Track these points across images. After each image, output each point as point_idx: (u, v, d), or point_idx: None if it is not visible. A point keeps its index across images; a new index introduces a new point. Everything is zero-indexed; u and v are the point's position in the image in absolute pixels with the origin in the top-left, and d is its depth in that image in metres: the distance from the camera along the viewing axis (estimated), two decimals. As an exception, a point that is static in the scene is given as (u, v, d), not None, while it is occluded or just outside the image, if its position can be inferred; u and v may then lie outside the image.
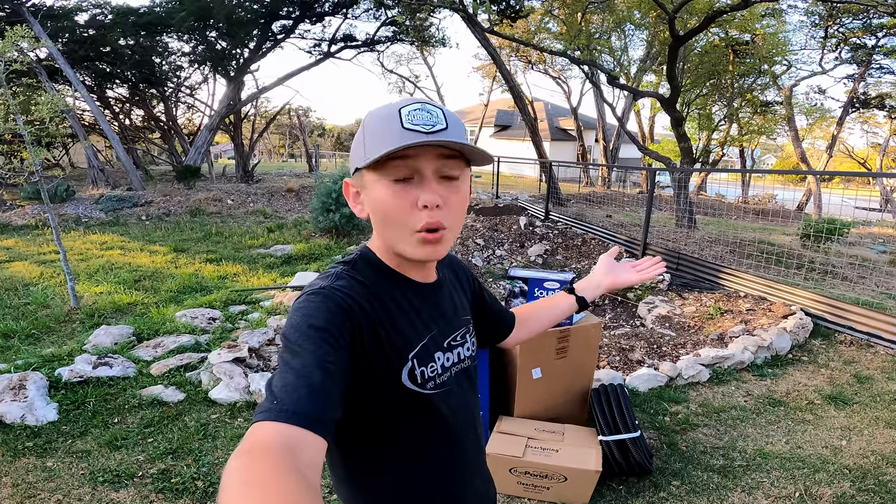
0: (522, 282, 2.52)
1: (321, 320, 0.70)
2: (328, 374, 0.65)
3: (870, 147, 24.62)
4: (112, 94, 19.65)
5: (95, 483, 2.41)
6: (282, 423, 0.58)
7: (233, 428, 2.91)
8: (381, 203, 0.76)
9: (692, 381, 3.67)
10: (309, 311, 0.71)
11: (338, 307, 0.72)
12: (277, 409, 0.59)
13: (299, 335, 0.68)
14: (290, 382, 0.63)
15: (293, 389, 0.62)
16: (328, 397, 0.63)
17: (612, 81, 11.04)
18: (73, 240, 8.22)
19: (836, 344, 4.45)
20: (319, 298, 0.73)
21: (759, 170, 25.18)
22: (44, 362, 3.55)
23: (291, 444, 0.56)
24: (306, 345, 0.67)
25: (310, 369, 0.64)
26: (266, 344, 3.81)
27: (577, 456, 2.37)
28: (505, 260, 7.05)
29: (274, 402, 0.60)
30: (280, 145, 41.67)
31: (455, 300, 0.95)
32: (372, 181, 0.76)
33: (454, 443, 0.89)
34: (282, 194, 13.22)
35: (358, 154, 0.77)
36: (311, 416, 0.60)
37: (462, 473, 0.92)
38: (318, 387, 0.63)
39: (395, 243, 0.79)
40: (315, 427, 0.59)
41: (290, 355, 0.66)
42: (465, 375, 0.93)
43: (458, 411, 0.90)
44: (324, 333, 0.68)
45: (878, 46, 14.82)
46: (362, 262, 0.83)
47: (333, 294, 0.74)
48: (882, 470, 2.73)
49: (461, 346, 0.92)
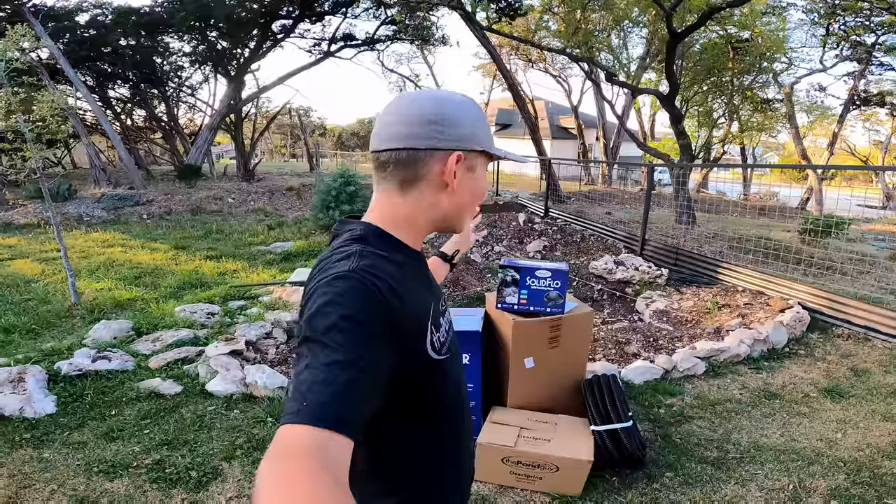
0: (514, 271, 2.53)
1: (350, 309, 0.66)
2: (360, 369, 0.62)
3: (872, 145, 24.55)
4: (114, 95, 19.75)
5: (90, 473, 2.43)
6: (312, 426, 0.57)
7: (228, 419, 2.93)
8: (481, 185, 0.89)
9: (688, 374, 3.68)
10: (337, 300, 0.67)
11: (367, 292, 0.69)
12: (307, 412, 0.58)
13: (327, 326, 0.64)
14: (319, 381, 0.60)
15: (322, 389, 0.59)
16: (359, 395, 0.61)
17: (611, 78, 11.03)
18: (74, 238, 8.26)
19: (833, 337, 4.44)
20: (347, 284, 0.69)
21: (757, 164, 25.11)
22: (43, 356, 3.58)
23: (322, 446, 0.55)
24: (336, 336, 0.63)
25: (341, 366, 0.61)
26: (263, 337, 3.83)
27: (570, 446, 2.38)
28: (504, 256, 7.06)
29: (303, 404, 0.58)
30: (282, 145, 41.74)
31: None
32: (482, 166, 0.89)
33: (462, 403, 0.94)
34: (282, 193, 13.25)
35: (484, 136, 0.86)
36: (340, 417, 0.58)
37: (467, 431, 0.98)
38: (349, 385, 0.61)
39: (459, 218, 0.89)
40: (344, 429, 0.58)
41: (319, 347, 0.63)
42: (455, 338, 0.97)
43: (461, 372, 0.96)
44: (354, 324, 0.65)
45: (878, 44, 14.79)
46: (372, 236, 0.82)
47: (362, 277, 0.70)
48: (877, 463, 2.73)
49: (447, 311, 0.96)
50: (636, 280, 5.92)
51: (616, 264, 6.16)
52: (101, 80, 17.78)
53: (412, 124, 0.80)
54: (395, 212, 0.84)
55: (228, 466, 2.54)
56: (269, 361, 3.62)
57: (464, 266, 6.10)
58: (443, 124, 0.80)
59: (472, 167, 0.85)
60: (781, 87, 16.83)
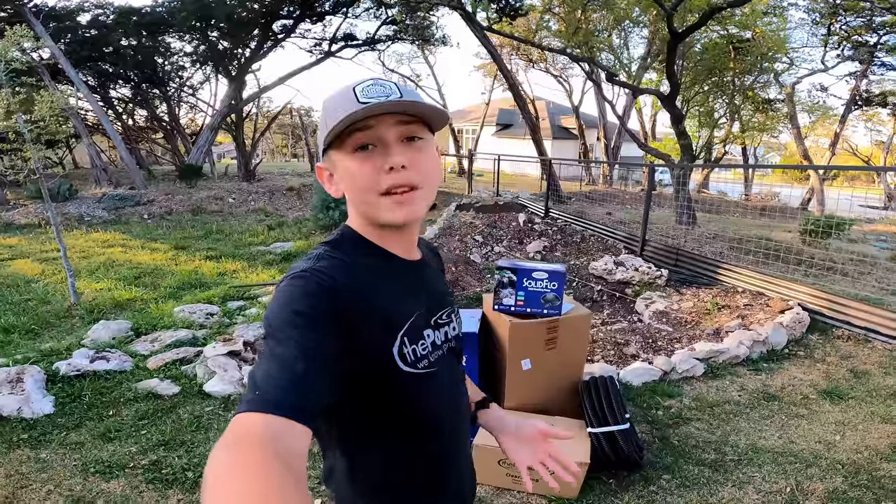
0: (511, 272, 2.53)
1: (303, 304, 0.68)
2: (312, 360, 0.64)
3: (874, 145, 24.50)
4: (115, 95, 19.76)
5: (87, 473, 2.43)
6: (265, 413, 0.57)
7: (226, 420, 2.93)
8: (349, 173, 0.78)
9: (686, 376, 3.67)
10: (291, 296, 0.70)
11: (320, 289, 0.70)
12: (260, 400, 0.59)
13: (281, 321, 0.67)
14: (273, 371, 0.62)
15: (276, 379, 0.61)
16: (312, 385, 0.62)
17: (611, 78, 11.02)
18: (74, 238, 8.28)
19: (833, 339, 4.43)
20: (301, 282, 0.71)
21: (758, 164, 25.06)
22: (42, 356, 3.58)
23: (275, 434, 0.56)
24: (288, 331, 0.65)
25: (292, 357, 0.63)
26: (261, 338, 3.83)
27: (566, 448, 2.36)
28: (504, 256, 7.06)
29: (256, 393, 0.60)
30: (283, 145, 41.76)
31: (440, 280, 0.98)
32: (339, 158, 0.79)
33: (444, 423, 0.89)
34: (283, 193, 13.26)
35: (322, 134, 0.80)
36: (294, 405, 0.59)
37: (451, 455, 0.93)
38: (302, 375, 0.62)
39: (371, 212, 0.80)
40: (298, 417, 0.59)
41: (274, 342, 0.65)
42: (453, 354, 0.93)
43: (448, 390, 0.90)
44: (306, 318, 0.67)
45: (880, 44, 14.74)
46: (345, 240, 0.83)
47: (315, 276, 0.72)
48: (875, 465, 2.72)
49: (447, 325, 0.92)
50: (636, 281, 5.91)
51: (616, 265, 6.15)
52: (102, 80, 17.80)
53: None
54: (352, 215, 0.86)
55: (225, 467, 2.53)
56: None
57: (463, 266, 6.10)
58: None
59: (333, 163, 0.81)
60: (783, 88, 16.79)
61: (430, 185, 0.81)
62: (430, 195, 0.82)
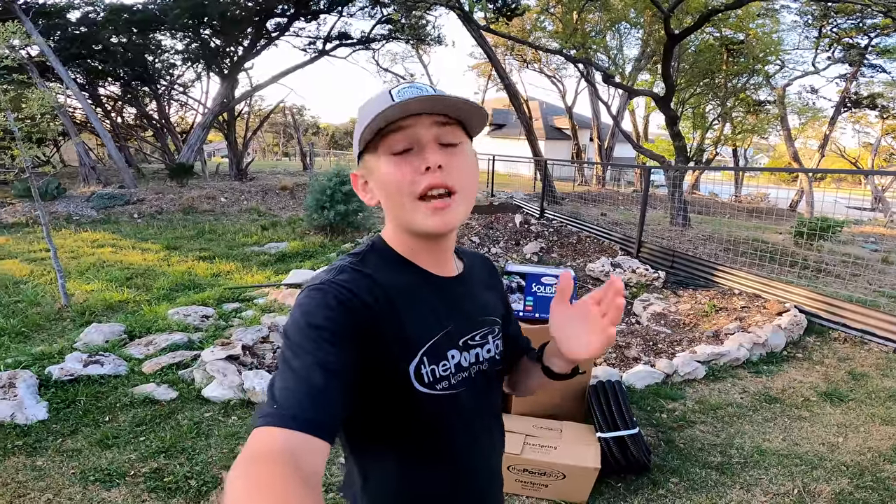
0: (520, 277, 2.50)
1: (320, 318, 0.68)
2: (329, 374, 0.63)
3: (861, 147, 24.81)
4: (104, 92, 19.51)
5: (86, 482, 2.37)
6: (283, 428, 0.57)
7: (226, 426, 2.88)
8: (385, 176, 0.75)
9: (688, 379, 3.67)
10: (309, 309, 0.69)
11: (337, 303, 0.69)
12: (278, 414, 0.59)
13: (299, 334, 0.67)
14: (291, 385, 0.62)
15: (293, 392, 0.61)
16: (330, 399, 0.62)
17: (608, 80, 11.05)
18: (63, 238, 8.13)
19: (830, 341, 4.46)
20: (320, 294, 0.70)
21: (751, 167, 25.32)
22: (34, 360, 3.50)
23: (294, 449, 0.56)
24: (306, 344, 0.65)
25: (310, 371, 0.63)
26: (260, 341, 3.78)
27: (576, 453, 2.35)
28: (500, 258, 7.04)
29: (274, 407, 0.60)
30: (274, 143, 41.50)
31: (480, 298, 0.90)
32: (374, 162, 0.77)
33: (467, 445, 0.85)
34: (276, 192, 13.15)
35: (359, 135, 0.77)
36: (312, 420, 0.59)
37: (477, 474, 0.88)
38: (320, 389, 0.62)
39: (405, 218, 0.77)
40: (316, 431, 0.59)
41: (291, 355, 0.65)
42: (483, 378, 0.87)
43: (472, 415, 0.85)
44: (323, 332, 0.66)
45: (870, 46, 14.90)
46: (372, 252, 0.81)
47: (334, 289, 0.71)
48: (879, 467, 2.74)
49: (480, 346, 0.86)
50: (633, 282, 5.92)
51: (613, 266, 6.16)
52: (91, 78, 17.55)
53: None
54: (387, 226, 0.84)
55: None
56: (267, 366, 3.56)
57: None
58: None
59: (370, 170, 0.79)
60: (774, 89, 16.94)
61: (467, 191, 0.78)
62: (467, 202, 0.78)
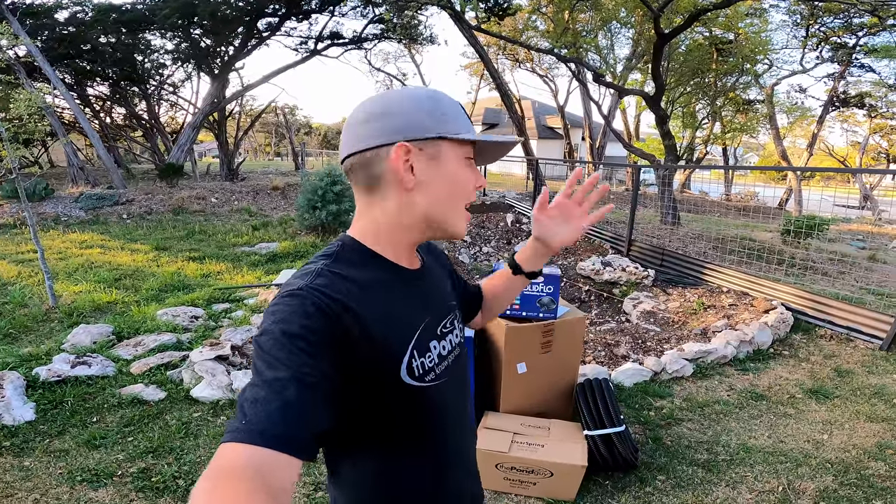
0: (507, 276, 2.51)
1: (297, 326, 0.64)
2: (305, 386, 0.61)
3: (849, 145, 25.07)
4: (92, 92, 19.32)
5: (73, 482, 2.36)
6: (251, 444, 0.55)
7: (215, 426, 2.87)
8: (462, 176, 0.81)
9: (676, 376, 3.70)
10: (284, 317, 0.66)
11: (316, 310, 0.67)
12: (246, 430, 0.56)
13: (273, 343, 0.63)
14: (262, 398, 0.59)
15: (264, 406, 0.58)
16: (304, 413, 0.60)
17: (598, 79, 11.10)
18: (51, 239, 8.06)
19: (816, 338, 4.51)
20: (296, 301, 0.67)
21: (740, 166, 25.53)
22: (21, 361, 3.48)
23: (261, 467, 0.54)
24: (280, 354, 0.62)
25: (284, 383, 0.60)
26: (249, 341, 3.76)
27: (563, 451, 2.37)
28: (492, 257, 7.06)
29: (243, 422, 0.57)
30: (266, 143, 41.32)
31: (441, 285, 0.94)
32: (453, 154, 0.80)
33: (450, 435, 0.87)
34: (267, 192, 13.10)
35: (436, 120, 0.78)
36: (282, 435, 0.57)
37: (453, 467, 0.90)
38: (293, 402, 0.59)
39: (448, 218, 0.81)
40: (287, 448, 0.56)
41: (264, 366, 0.62)
42: (458, 363, 0.90)
43: (455, 401, 0.88)
44: (300, 341, 0.63)
45: (858, 45, 15.06)
46: (346, 251, 0.79)
47: (312, 295, 0.68)
48: (864, 464, 2.77)
49: (451, 332, 0.89)
50: (623, 281, 5.95)
51: (603, 265, 6.19)
52: (79, 78, 17.39)
53: (360, 124, 0.78)
54: (368, 220, 0.81)
55: (215, 475, 2.48)
56: (256, 366, 3.56)
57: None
58: (385, 117, 0.77)
59: (434, 156, 0.78)
60: (763, 89, 17.08)
61: None
62: None
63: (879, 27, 12.95)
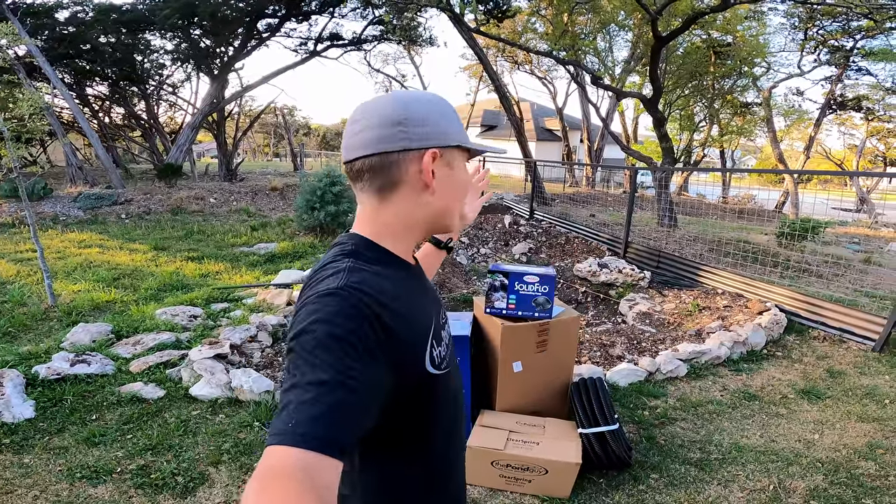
0: (503, 276, 2.55)
1: (339, 327, 0.64)
2: (350, 390, 0.61)
3: (846, 148, 25.16)
4: (92, 92, 19.33)
5: (73, 479, 2.39)
6: (299, 448, 0.56)
7: (214, 424, 2.90)
8: (466, 181, 0.88)
9: (670, 376, 3.74)
10: (326, 317, 0.66)
11: (357, 311, 0.67)
12: (293, 432, 0.57)
13: (316, 344, 0.63)
14: (306, 401, 0.59)
15: (308, 409, 0.59)
16: (346, 417, 0.60)
17: (597, 82, 11.14)
18: (50, 238, 8.08)
19: (809, 339, 4.55)
20: (336, 301, 0.67)
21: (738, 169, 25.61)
22: (20, 360, 3.50)
23: (308, 468, 0.55)
24: (324, 356, 0.62)
25: (330, 386, 0.60)
26: (248, 340, 3.80)
27: (558, 449, 2.40)
28: (489, 258, 7.09)
29: (289, 425, 0.58)
30: (265, 144, 41.31)
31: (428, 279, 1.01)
32: (460, 162, 0.87)
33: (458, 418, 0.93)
34: (266, 193, 13.12)
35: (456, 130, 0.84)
36: (327, 439, 0.57)
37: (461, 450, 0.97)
38: (336, 406, 0.60)
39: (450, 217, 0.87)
40: (331, 451, 0.57)
41: (308, 367, 0.62)
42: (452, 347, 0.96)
43: (459, 384, 0.95)
44: (343, 343, 0.63)
45: (855, 48, 15.12)
46: (363, 249, 0.80)
47: (352, 294, 0.68)
48: (854, 463, 2.80)
49: (446, 321, 0.95)
50: (619, 282, 5.99)
51: (600, 267, 6.23)
52: (79, 78, 17.40)
53: (380, 127, 0.78)
54: (382, 221, 0.82)
55: (215, 471, 2.51)
56: (255, 365, 3.58)
57: (449, 268, 6.12)
58: (411, 123, 0.78)
59: (449, 163, 0.83)
60: (760, 91, 17.16)
61: None
62: None
63: (877, 30, 13.02)
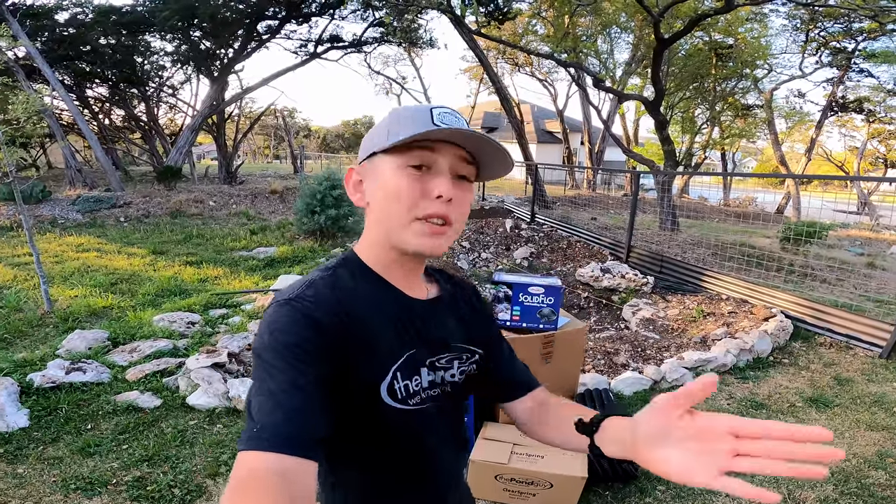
0: (507, 287, 2.49)
1: (291, 335, 0.66)
2: (305, 394, 0.63)
3: (847, 150, 25.14)
4: (91, 94, 19.30)
5: (67, 490, 2.34)
6: (269, 452, 0.57)
7: (211, 434, 2.84)
8: (394, 186, 0.74)
9: (676, 385, 3.68)
10: (278, 326, 0.68)
11: (306, 319, 0.68)
12: (260, 437, 0.58)
13: (271, 352, 0.66)
14: (269, 406, 0.61)
15: (271, 413, 0.61)
16: (309, 419, 0.62)
17: (598, 84, 11.11)
18: (47, 242, 8.03)
19: (815, 346, 4.50)
20: (286, 311, 0.69)
21: (740, 173, 25.62)
22: (15, 367, 3.44)
23: (283, 472, 0.56)
24: (279, 363, 0.64)
25: (287, 391, 0.62)
26: (246, 349, 3.74)
27: (563, 462, 2.34)
28: (491, 263, 7.04)
29: (255, 430, 0.59)
30: (265, 146, 41.33)
31: (449, 325, 0.88)
32: (387, 165, 0.75)
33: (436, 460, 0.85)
34: (265, 196, 13.08)
35: (379, 139, 0.77)
36: (295, 440, 0.59)
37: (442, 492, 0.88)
38: (298, 409, 0.61)
39: (397, 234, 0.76)
40: (302, 452, 0.59)
41: (266, 375, 0.64)
42: (448, 398, 0.86)
43: (440, 428, 0.85)
44: (295, 350, 0.65)
45: (857, 50, 15.09)
46: (344, 267, 0.79)
47: (301, 305, 0.69)
48: (864, 473, 2.75)
49: (445, 370, 0.85)
50: (622, 288, 5.94)
51: (602, 272, 6.17)
52: (78, 79, 17.38)
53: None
54: (363, 237, 0.83)
55: (213, 484, 2.45)
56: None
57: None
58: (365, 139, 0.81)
59: (374, 171, 0.78)
60: (762, 94, 17.13)
61: (459, 227, 0.79)
62: (455, 236, 0.80)
63: (879, 32, 12.99)
